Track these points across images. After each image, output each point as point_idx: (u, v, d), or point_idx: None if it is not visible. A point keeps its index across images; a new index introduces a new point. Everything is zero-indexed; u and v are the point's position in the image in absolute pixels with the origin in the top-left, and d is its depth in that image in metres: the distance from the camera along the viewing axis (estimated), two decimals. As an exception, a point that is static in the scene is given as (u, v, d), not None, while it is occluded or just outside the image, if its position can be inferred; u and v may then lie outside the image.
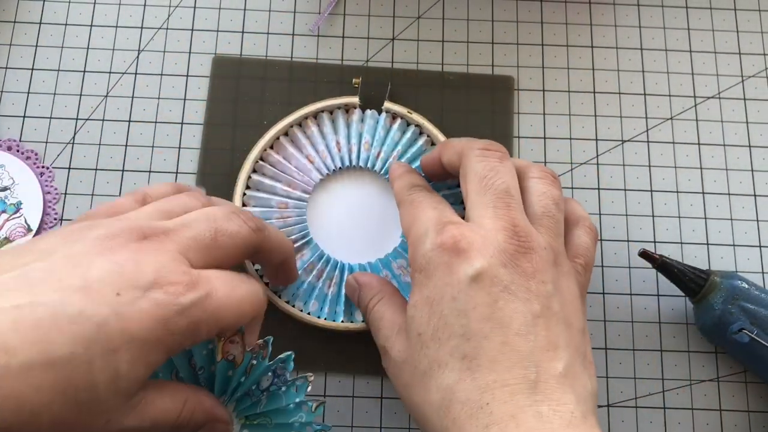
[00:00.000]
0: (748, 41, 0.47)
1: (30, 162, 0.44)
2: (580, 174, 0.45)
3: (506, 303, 0.29)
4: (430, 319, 0.30)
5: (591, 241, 0.35)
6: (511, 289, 0.29)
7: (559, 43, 0.47)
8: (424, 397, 0.29)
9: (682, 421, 0.41)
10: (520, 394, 0.27)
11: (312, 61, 0.46)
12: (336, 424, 0.40)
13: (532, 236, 0.31)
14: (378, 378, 0.41)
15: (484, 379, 0.28)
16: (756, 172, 0.45)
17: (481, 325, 0.28)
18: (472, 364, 0.28)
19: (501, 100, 0.45)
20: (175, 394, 0.28)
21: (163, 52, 0.46)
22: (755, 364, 0.39)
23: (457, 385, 0.28)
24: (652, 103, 0.46)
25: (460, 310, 0.29)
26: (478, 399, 0.27)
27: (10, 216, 0.42)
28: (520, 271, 0.29)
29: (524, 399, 0.27)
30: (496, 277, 0.29)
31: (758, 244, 0.44)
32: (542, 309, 0.29)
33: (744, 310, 0.38)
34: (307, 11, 0.47)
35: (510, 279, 0.29)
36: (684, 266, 0.40)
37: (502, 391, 0.27)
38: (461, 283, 0.29)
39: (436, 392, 0.29)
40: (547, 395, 0.27)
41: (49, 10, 0.47)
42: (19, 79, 0.45)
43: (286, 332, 0.41)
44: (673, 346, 0.42)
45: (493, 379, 0.28)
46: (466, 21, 0.47)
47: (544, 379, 0.28)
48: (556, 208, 0.33)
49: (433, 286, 0.30)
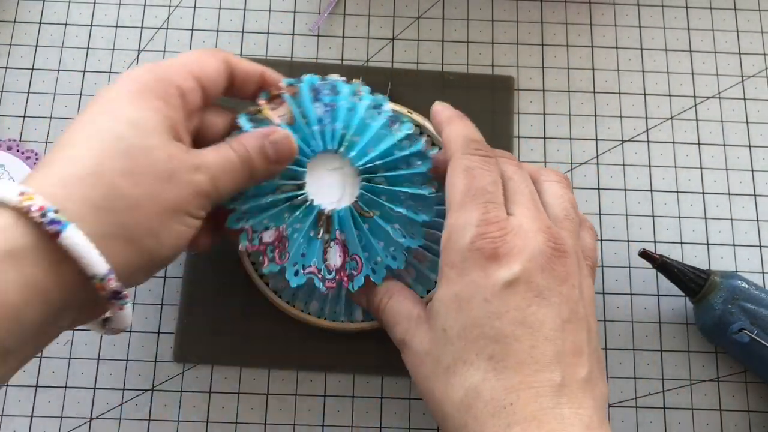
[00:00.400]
0: (748, 41, 0.47)
1: (30, 162, 0.44)
2: (580, 174, 0.45)
3: (539, 308, 0.29)
4: (458, 316, 0.30)
5: (594, 243, 0.35)
6: (544, 294, 0.29)
7: (559, 43, 0.47)
8: (445, 392, 0.29)
9: (682, 421, 0.41)
10: (544, 397, 0.28)
11: (312, 61, 0.46)
12: (336, 424, 0.40)
13: (564, 239, 0.31)
14: (378, 378, 0.41)
15: (510, 380, 0.28)
16: (756, 172, 0.45)
17: (512, 328, 0.29)
18: (498, 365, 0.28)
19: (501, 100, 0.45)
20: None
21: (163, 52, 0.46)
22: (755, 364, 0.39)
23: (482, 384, 0.28)
24: (652, 103, 0.46)
25: (492, 312, 0.29)
26: (502, 399, 0.28)
27: (10, 216, 0.42)
28: (555, 274, 0.30)
29: (548, 401, 0.28)
30: (531, 282, 0.29)
31: (758, 244, 0.44)
32: (570, 314, 0.30)
33: (744, 310, 0.38)
34: (307, 11, 0.47)
35: (545, 284, 0.29)
36: (684, 266, 0.40)
37: (527, 392, 0.28)
38: (495, 287, 0.29)
39: (459, 389, 0.29)
40: (569, 399, 0.28)
41: (49, 10, 0.47)
42: (19, 79, 0.45)
43: (286, 332, 0.41)
44: (673, 346, 0.42)
45: (519, 381, 0.28)
46: (466, 21, 0.47)
47: (568, 384, 0.28)
48: (574, 211, 0.34)
49: (465, 285, 0.30)
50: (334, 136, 0.36)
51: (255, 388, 0.41)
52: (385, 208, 0.37)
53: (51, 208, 0.25)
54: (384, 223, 0.36)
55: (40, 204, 0.25)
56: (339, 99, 0.37)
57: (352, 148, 0.36)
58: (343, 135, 0.37)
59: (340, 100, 0.37)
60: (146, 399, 0.41)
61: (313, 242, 0.37)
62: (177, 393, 0.41)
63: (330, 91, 0.37)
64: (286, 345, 0.41)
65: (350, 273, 0.37)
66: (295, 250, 0.36)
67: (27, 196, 0.25)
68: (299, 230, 0.36)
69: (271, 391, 0.41)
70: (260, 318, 0.41)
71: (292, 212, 0.36)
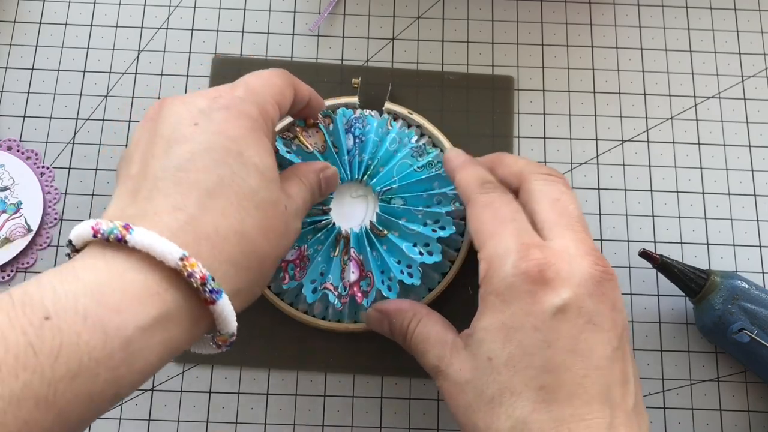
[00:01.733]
0: (748, 41, 0.47)
1: (30, 162, 0.44)
2: (580, 174, 0.45)
3: (590, 335, 0.28)
4: (505, 345, 0.28)
5: None
6: (595, 321, 0.28)
7: (559, 43, 0.47)
8: (490, 423, 0.28)
9: (682, 421, 0.41)
10: (596, 429, 0.27)
11: (312, 61, 0.46)
12: (336, 424, 0.40)
13: (608, 263, 0.30)
14: (378, 378, 0.41)
15: (561, 412, 0.27)
16: (756, 172, 0.45)
17: (563, 357, 0.28)
18: (548, 396, 0.27)
19: (501, 100, 0.45)
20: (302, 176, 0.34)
21: (163, 52, 0.46)
22: (755, 364, 0.39)
23: (531, 416, 0.27)
24: (652, 103, 0.46)
25: (542, 341, 0.28)
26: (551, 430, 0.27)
27: (10, 216, 0.42)
28: (605, 299, 0.29)
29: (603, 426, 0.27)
30: (582, 308, 0.28)
31: (758, 244, 0.44)
32: (619, 341, 0.29)
33: (744, 310, 0.38)
34: (307, 11, 0.47)
35: (596, 310, 0.28)
36: (684, 266, 0.40)
37: (578, 425, 0.27)
38: (545, 314, 0.28)
39: (506, 420, 0.28)
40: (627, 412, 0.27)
41: (49, 10, 0.47)
42: (19, 79, 0.45)
43: (287, 332, 0.41)
44: (673, 346, 0.42)
45: (570, 414, 0.27)
46: (466, 21, 0.47)
47: (618, 415, 0.28)
48: None
49: (512, 314, 0.29)
50: (361, 166, 0.40)
51: (255, 388, 0.41)
52: (401, 228, 0.39)
53: (210, 276, 0.25)
54: (400, 240, 0.38)
55: (201, 273, 0.25)
56: (368, 132, 0.40)
57: (375, 177, 0.40)
58: (369, 165, 0.40)
59: (369, 132, 0.40)
60: (146, 399, 0.41)
61: (332, 261, 0.39)
62: (177, 393, 0.41)
63: (361, 124, 0.41)
64: (286, 345, 0.41)
65: (365, 290, 0.38)
66: (314, 268, 0.38)
67: (190, 263, 0.25)
68: (320, 251, 0.39)
69: (271, 391, 0.41)
70: (260, 318, 0.41)
71: (315, 234, 0.39)
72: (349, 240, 0.39)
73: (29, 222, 0.42)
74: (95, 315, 0.23)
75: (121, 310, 0.23)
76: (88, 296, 0.23)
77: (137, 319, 0.24)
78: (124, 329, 0.23)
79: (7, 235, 0.42)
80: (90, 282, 0.24)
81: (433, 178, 0.40)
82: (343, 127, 0.40)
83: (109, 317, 0.23)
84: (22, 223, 0.42)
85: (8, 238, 0.42)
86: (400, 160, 0.40)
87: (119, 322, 0.23)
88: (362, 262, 0.39)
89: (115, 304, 0.23)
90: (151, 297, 0.24)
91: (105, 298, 0.23)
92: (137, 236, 0.24)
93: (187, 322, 0.26)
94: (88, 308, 0.23)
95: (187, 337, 0.26)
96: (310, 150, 0.39)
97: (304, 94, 0.35)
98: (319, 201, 0.36)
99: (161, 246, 0.24)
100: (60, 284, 0.23)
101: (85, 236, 0.25)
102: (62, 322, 0.22)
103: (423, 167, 0.40)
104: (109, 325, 0.23)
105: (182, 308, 0.25)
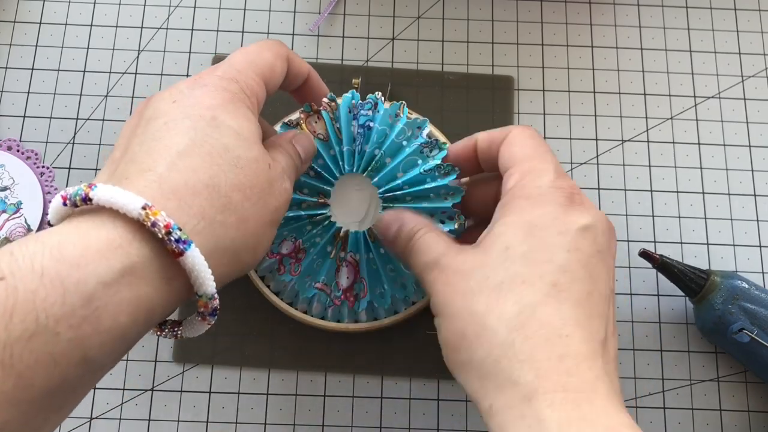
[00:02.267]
0: (748, 41, 0.47)
1: (30, 162, 0.44)
2: (580, 174, 0.45)
3: (598, 262, 0.30)
4: (526, 239, 0.29)
5: None
6: (604, 255, 0.30)
7: (559, 43, 0.47)
8: (493, 306, 0.29)
9: (682, 421, 0.41)
10: (595, 342, 0.28)
11: (312, 61, 0.46)
12: (336, 424, 0.40)
13: None
14: (378, 378, 0.41)
15: (568, 313, 0.28)
16: (756, 172, 0.45)
17: (578, 267, 0.29)
18: (560, 295, 0.28)
19: (501, 100, 0.45)
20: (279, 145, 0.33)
21: (163, 52, 0.46)
22: (755, 364, 0.39)
23: (540, 307, 0.28)
24: (652, 103, 0.46)
25: (566, 244, 0.29)
26: (558, 327, 0.28)
27: (10, 216, 0.42)
28: (611, 245, 0.31)
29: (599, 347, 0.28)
30: (598, 237, 0.30)
31: (758, 244, 0.44)
32: (611, 292, 0.31)
33: (744, 310, 0.38)
34: (307, 11, 0.47)
35: (606, 246, 0.30)
36: (684, 266, 0.40)
37: (582, 331, 0.28)
38: (571, 225, 0.30)
39: (513, 305, 0.28)
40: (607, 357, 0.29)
41: (49, 10, 0.47)
42: (19, 79, 0.45)
43: (286, 332, 0.41)
44: (673, 346, 0.42)
45: (575, 318, 0.28)
46: (466, 21, 0.47)
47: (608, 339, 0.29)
48: None
49: (540, 215, 0.30)
50: (365, 157, 0.37)
51: (255, 388, 0.41)
52: None
53: (176, 225, 0.24)
54: None
55: (165, 221, 0.24)
56: (376, 119, 0.37)
57: (379, 172, 0.37)
58: (374, 156, 0.37)
59: (376, 120, 0.37)
60: (146, 399, 0.41)
61: (327, 260, 0.38)
62: (177, 393, 0.41)
63: (369, 110, 0.37)
64: (286, 345, 0.41)
65: (357, 294, 0.38)
66: (308, 264, 0.38)
67: (152, 211, 0.24)
68: (316, 245, 0.38)
69: (271, 391, 0.41)
70: (260, 318, 0.41)
71: (314, 227, 0.38)
72: (346, 240, 0.38)
73: (29, 222, 0.42)
74: (53, 271, 0.22)
75: (80, 265, 0.23)
76: (46, 255, 0.22)
77: (99, 274, 0.23)
78: (84, 284, 0.22)
79: (7, 235, 0.42)
80: (50, 243, 0.23)
81: (440, 188, 0.37)
82: (347, 113, 0.37)
83: (67, 272, 0.22)
84: (22, 223, 0.42)
85: (8, 238, 0.42)
86: (408, 156, 0.37)
87: (79, 276, 0.22)
88: (358, 263, 0.38)
89: (75, 259, 0.23)
90: (114, 250, 0.23)
91: (63, 254, 0.23)
92: (99, 192, 0.24)
93: (157, 279, 0.25)
94: (45, 265, 0.22)
95: (161, 298, 0.25)
96: None
97: (300, 69, 0.35)
98: (304, 170, 0.35)
99: (123, 198, 0.24)
100: (18, 248, 0.23)
101: (58, 207, 0.25)
102: (18, 281, 0.22)
103: (431, 170, 0.36)
104: (68, 281, 0.22)
105: (150, 262, 0.24)
